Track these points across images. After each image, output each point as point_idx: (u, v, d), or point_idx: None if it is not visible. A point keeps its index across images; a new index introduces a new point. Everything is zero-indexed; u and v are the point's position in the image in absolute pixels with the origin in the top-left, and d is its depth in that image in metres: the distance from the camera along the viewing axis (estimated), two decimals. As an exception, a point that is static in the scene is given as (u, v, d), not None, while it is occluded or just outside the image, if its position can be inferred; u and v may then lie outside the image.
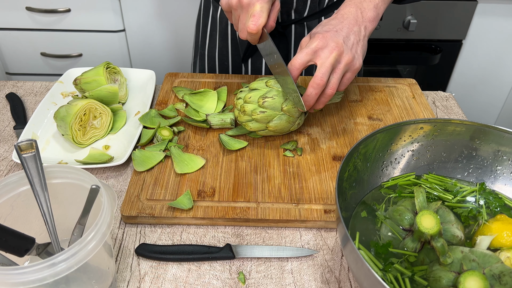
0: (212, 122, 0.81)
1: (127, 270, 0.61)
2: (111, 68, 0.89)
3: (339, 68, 0.72)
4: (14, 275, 0.43)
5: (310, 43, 0.72)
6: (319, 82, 0.70)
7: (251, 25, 0.72)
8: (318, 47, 0.71)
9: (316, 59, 0.72)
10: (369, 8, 0.77)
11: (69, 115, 0.77)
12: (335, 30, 0.73)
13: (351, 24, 0.75)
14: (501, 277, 0.48)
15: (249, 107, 0.75)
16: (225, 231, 0.67)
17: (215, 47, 1.06)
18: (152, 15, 1.69)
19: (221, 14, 1.02)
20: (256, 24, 0.72)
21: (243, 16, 0.74)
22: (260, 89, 0.76)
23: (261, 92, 0.75)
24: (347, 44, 0.73)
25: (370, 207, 0.60)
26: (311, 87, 0.71)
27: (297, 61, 0.71)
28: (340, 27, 0.74)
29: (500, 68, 1.83)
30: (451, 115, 0.92)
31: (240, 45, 1.03)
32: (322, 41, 0.71)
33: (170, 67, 1.84)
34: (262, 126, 0.76)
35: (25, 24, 1.69)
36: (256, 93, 0.75)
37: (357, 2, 0.78)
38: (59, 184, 0.56)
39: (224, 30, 1.03)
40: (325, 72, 0.70)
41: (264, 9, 0.72)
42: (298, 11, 0.96)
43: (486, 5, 1.66)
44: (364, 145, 0.59)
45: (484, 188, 0.62)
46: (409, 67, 1.89)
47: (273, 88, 0.75)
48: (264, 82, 0.77)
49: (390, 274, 0.52)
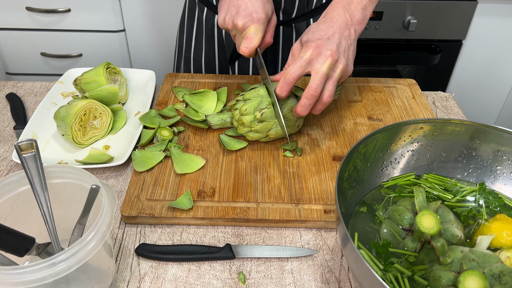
0: (212, 122, 0.81)
1: (127, 270, 0.61)
2: (111, 68, 0.90)
3: (334, 76, 0.72)
4: (14, 275, 0.43)
5: (303, 54, 0.71)
6: (313, 93, 0.70)
7: (244, 48, 0.75)
8: (312, 57, 0.71)
9: (310, 69, 0.71)
10: (357, 10, 0.77)
11: (69, 115, 0.77)
12: (327, 37, 0.72)
13: (342, 29, 0.74)
14: (501, 276, 0.48)
15: (247, 119, 0.75)
16: (225, 231, 0.67)
17: (202, 50, 1.04)
18: (152, 15, 1.69)
19: (207, 15, 1.00)
20: (249, 47, 0.75)
21: (238, 36, 0.78)
22: (253, 98, 0.76)
23: (255, 103, 0.75)
24: (339, 51, 0.72)
25: (370, 207, 0.60)
26: (305, 97, 0.71)
27: (291, 75, 0.70)
28: (331, 32, 0.73)
29: (500, 68, 1.83)
30: (451, 115, 0.92)
31: (227, 47, 1.01)
32: (316, 51, 0.71)
33: (170, 67, 1.84)
34: (262, 135, 0.77)
35: (25, 24, 1.69)
36: (251, 104, 0.75)
37: (345, 4, 0.77)
38: (59, 184, 0.56)
39: (211, 32, 1.02)
40: (319, 83, 0.70)
41: (259, 31, 0.75)
42: (286, 12, 0.95)
43: (486, 5, 1.66)
44: (364, 145, 0.59)
45: (484, 188, 0.62)
46: (409, 67, 1.89)
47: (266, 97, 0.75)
48: (256, 91, 0.77)
49: (390, 273, 0.52)
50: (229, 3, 0.77)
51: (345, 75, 0.75)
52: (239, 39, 0.78)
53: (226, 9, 0.78)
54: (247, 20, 0.75)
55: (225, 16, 0.77)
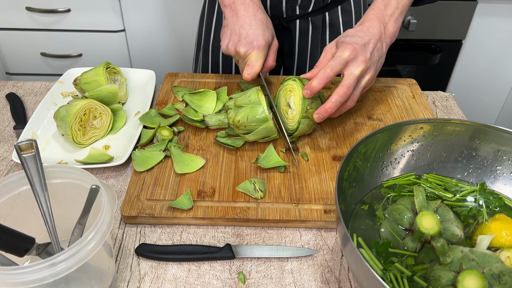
0: (210, 123, 0.81)
1: (127, 270, 0.61)
2: (111, 68, 0.90)
3: (362, 82, 0.75)
4: (14, 275, 0.43)
5: (342, 53, 0.73)
6: (345, 91, 0.72)
7: (246, 74, 0.80)
8: (350, 59, 0.73)
9: (345, 70, 0.74)
10: (391, 23, 0.79)
11: (69, 115, 0.77)
12: (362, 43, 0.74)
13: (376, 40, 0.76)
14: (501, 276, 0.48)
15: (241, 123, 0.75)
16: (225, 231, 0.67)
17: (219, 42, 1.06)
18: (152, 15, 1.69)
19: None
20: (251, 74, 0.80)
21: (241, 63, 0.82)
22: (245, 106, 0.76)
23: (246, 111, 0.75)
24: (372, 60, 0.75)
25: (370, 207, 0.60)
26: (337, 94, 0.72)
27: (332, 69, 0.72)
28: (367, 40, 0.75)
29: (500, 68, 1.83)
30: (451, 115, 0.92)
31: None
32: (353, 53, 0.73)
33: (170, 67, 1.84)
34: (259, 137, 0.77)
35: (25, 24, 1.69)
36: (244, 114, 0.75)
37: (380, 16, 0.79)
38: (59, 184, 0.56)
39: None
40: (352, 84, 0.73)
41: (259, 57, 0.80)
42: (303, 6, 0.97)
43: (486, 5, 1.66)
44: (364, 145, 0.59)
45: (485, 188, 0.62)
46: (409, 67, 1.89)
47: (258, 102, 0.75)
48: (247, 97, 0.76)
49: (391, 273, 0.52)
50: (231, 31, 0.82)
51: (369, 85, 0.78)
52: (242, 64, 0.83)
53: (229, 36, 0.83)
54: (249, 47, 0.80)
55: (228, 43, 0.83)
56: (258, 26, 0.82)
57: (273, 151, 0.76)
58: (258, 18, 0.83)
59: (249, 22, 0.82)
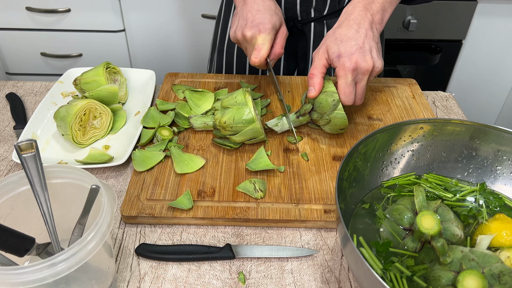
0: (195, 125, 0.81)
1: (127, 270, 0.61)
2: (111, 68, 0.90)
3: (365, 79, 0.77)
4: (14, 275, 0.43)
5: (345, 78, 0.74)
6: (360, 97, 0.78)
7: (253, 58, 0.79)
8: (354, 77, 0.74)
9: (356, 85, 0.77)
10: (378, 10, 0.78)
11: (69, 115, 0.77)
12: (358, 47, 0.74)
13: (367, 30, 0.76)
14: (501, 276, 0.48)
15: (227, 124, 0.74)
16: (225, 231, 0.67)
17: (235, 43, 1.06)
18: (152, 15, 1.69)
19: None
20: (258, 57, 0.79)
21: (249, 48, 0.82)
22: (232, 107, 0.75)
23: (233, 112, 0.74)
24: (373, 57, 0.75)
25: (370, 207, 0.60)
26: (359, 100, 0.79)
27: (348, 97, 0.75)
28: (361, 41, 0.74)
29: (500, 68, 1.83)
30: (451, 115, 0.92)
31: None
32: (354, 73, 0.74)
33: (170, 67, 1.84)
34: (246, 138, 0.76)
35: (25, 24, 1.69)
36: (230, 115, 0.74)
37: (366, 3, 0.78)
38: (59, 184, 0.56)
39: None
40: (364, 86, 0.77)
41: (266, 40, 0.79)
42: (317, 10, 0.97)
43: (486, 5, 1.66)
44: (364, 145, 0.59)
45: (485, 188, 0.62)
46: (409, 67, 1.89)
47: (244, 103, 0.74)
48: (234, 98, 0.76)
49: (391, 273, 0.52)
50: (239, 17, 0.83)
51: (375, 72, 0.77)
52: (250, 49, 0.82)
53: (237, 22, 0.83)
54: (255, 30, 0.79)
55: (236, 29, 0.83)
56: (266, 11, 0.81)
57: (263, 154, 0.75)
58: (266, 4, 0.83)
59: (256, 8, 0.82)
